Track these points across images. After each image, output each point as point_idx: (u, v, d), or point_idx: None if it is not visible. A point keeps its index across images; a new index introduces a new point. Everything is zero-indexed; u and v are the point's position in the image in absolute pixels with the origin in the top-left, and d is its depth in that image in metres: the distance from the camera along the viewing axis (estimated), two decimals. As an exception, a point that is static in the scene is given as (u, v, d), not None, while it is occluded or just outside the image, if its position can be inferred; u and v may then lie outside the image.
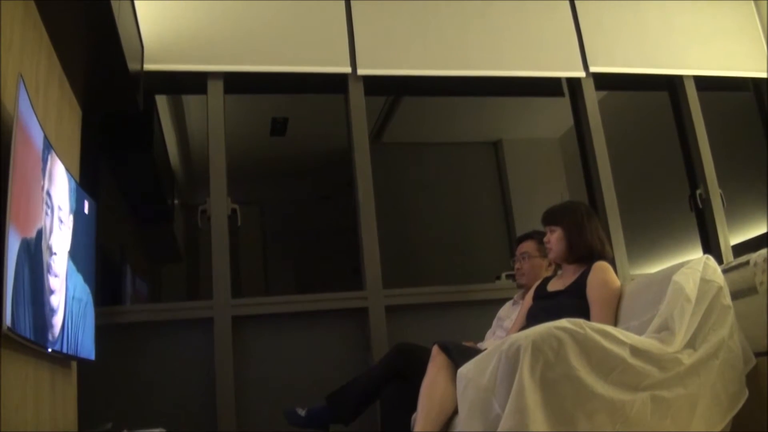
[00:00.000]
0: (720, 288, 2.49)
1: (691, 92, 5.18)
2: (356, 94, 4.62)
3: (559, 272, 3.33)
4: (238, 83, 4.56)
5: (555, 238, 3.22)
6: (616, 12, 5.14)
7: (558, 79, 5.14)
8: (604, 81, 5.03)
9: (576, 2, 5.08)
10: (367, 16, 4.71)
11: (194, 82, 4.49)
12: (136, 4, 3.81)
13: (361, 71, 4.60)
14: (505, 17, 4.93)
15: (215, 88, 4.43)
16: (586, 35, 5.01)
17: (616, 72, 5.04)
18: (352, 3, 4.70)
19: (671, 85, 5.31)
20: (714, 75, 5.22)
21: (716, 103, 5.29)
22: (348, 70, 4.59)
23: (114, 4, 3.05)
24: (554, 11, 5.04)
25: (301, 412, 3.42)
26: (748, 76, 5.33)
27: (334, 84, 4.69)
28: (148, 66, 4.21)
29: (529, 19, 4.97)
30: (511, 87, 5.11)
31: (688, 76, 5.20)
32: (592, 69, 4.97)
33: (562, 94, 5.19)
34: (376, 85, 4.74)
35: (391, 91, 5.09)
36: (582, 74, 4.97)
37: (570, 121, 5.15)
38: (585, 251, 3.15)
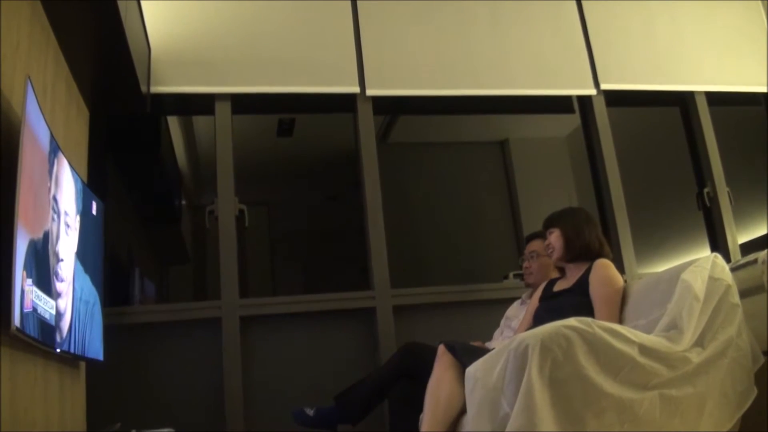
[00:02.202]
0: (728, 286, 2.49)
1: (703, 108, 5.16)
2: (365, 114, 4.61)
3: (566, 276, 3.34)
4: (245, 103, 4.56)
5: (554, 238, 3.26)
6: (627, 29, 5.13)
7: (568, 97, 5.13)
8: (615, 98, 5.02)
9: (586, 19, 5.06)
10: (375, 35, 4.70)
11: (202, 103, 4.49)
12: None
13: (369, 92, 4.58)
14: (515, 35, 4.92)
15: (223, 109, 4.42)
16: (597, 52, 5.00)
17: (628, 89, 5.03)
18: (361, 23, 4.70)
19: (683, 100, 5.29)
20: (726, 90, 5.20)
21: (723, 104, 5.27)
22: (357, 90, 4.58)
23: (121, 5, 3.06)
24: (565, 29, 5.03)
25: (310, 412, 3.42)
26: (760, 91, 5.28)
27: (343, 104, 4.69)
28: (155, 88, 4.22)
29: (539, 37, 4.96)
30: (521, 104, 5.11)
31: (699, 92, 5.18)
32: (603, 86, 4.95)
33: (572, 111, 5.19)
34: (384, 104, 4.73)
35: (400, 109, 5.08)
36: (593, 92, 4.95)
37: (577, 120, 5.15)
38: (583, 249, 3.18)
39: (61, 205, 2.76)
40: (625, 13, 5.16)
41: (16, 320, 2.12)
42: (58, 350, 2.68)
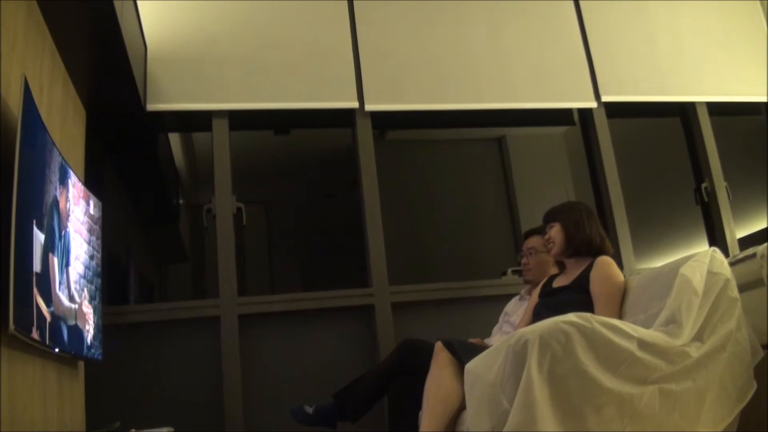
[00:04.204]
0: (727, 280, 2.49)
1: (704, 118, 5.15)
2: (364, 129, 4.59)
3: (565, 272, 3.33)
4: (243, 120, 4.54)
5: (554, 232, 3.24)
6: (627, 40, 5.11)
7: (569, 109, 5.12)
8: (615, 109, 5.01)
9: (587, 31, 5.05)
10: (374, 51, 4.69)
11: (199, 120, 4.49)
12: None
13: (368, 107, 4.57)
14: (515, 48, 4.91)
15: (220, 126, 4.41)
16: (598, 64, 4.99)
17: (628, 101, 5.02)
18: (359, 38, 4.68)
19: (684, 111, 5.28)
20: (727, 101, 5.18)
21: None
22: (355, 105, 4.57)
23: (117, 5, 3.05)
24: (565, 41, 5.02)
25: (309, 410, 3.42)
26: (761, 101, 5.25)
27: (342, 119, 4.68)
28: (153, 106, 4.23)
29: (539, 50, 4.95)
30: (521, 117, 5.11)
31: (700, 103, 5.17)
32: (604, 99, 4.94)
33: (573, 123, 5.19)
34: (383, 118, 4.71)
35: (399, 124, 5.06)
36: (594, 104, 4.94)
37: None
38: (584, 245, 3.16)
39: (59, 202, 2.76)
40: (626, 24, 5.16)
41: (14, 320, 2.12)
42: (57, 350, 2.68)
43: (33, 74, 2.84)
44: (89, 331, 3.15)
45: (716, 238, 4.98)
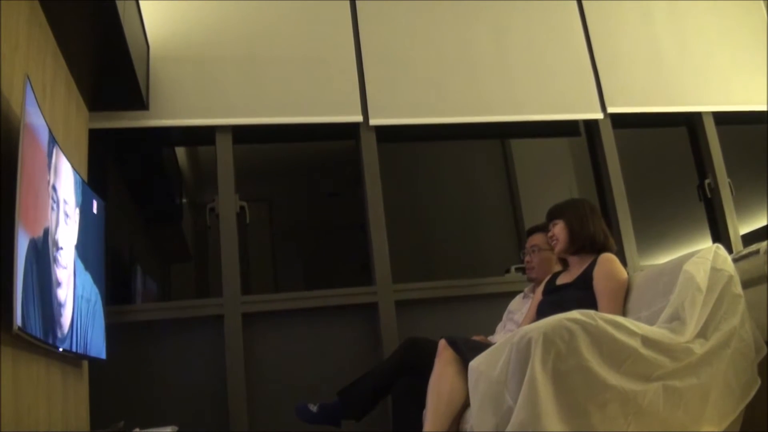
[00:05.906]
0: (731, 277, 2.48)
1: (710, 127, 5.13)
2: (368, 143, 4.58)
3: (569, 269, 3.32)
4: (247, 134, 4.54)
5: (558, 229, 3.23)
6: (633, 51, 5.10)
7: (575, 120, 5.09)
8: (621, 120, 5.00)
9: (592, 43, 5.04)
10: (378, 64, 4.68)
11: (202, 134, 4.48)
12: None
13: (373, 121, 4.56)
14: (520, 61, 4.90)
15: (224, 141, 4.40)
16: (603, 76, 4.97)
17: (635, 112, 5.00)
18: (363, 51, 4.68)
19: (690, 121, 5.26)
20: (733, 110, 5.16)
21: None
22: (360, 119, 4.56)
23: (119, 5, 3.06)
24: (570, 52, 5.01)
25: (313, 408, 3.42)
26: (763, 110, 5.21)
27: (346, 132, 4.68)
28: (156, 122, 4.24)
29: (544, 62, 4.93)
30: (526, 129, 5.10)
31: (707, 112, 5.15)
32: (610, 110, 4.92)
33: (579, 135, 5.18)
34: (388, 132, 4.68)
35: (404, 137, 5.05)
36: (600, 116, 4.92)
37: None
38: (588, 242, 3.15)
39: (60, 193, 2.76)
40: (631, 35, 5.14)
41: (18, 320, 2.12)
42: (61, 349, 2.68)
43: (36, 74, 2.85)
44: (91, 328, 3.16)
45: (719, 235, 4.98)
